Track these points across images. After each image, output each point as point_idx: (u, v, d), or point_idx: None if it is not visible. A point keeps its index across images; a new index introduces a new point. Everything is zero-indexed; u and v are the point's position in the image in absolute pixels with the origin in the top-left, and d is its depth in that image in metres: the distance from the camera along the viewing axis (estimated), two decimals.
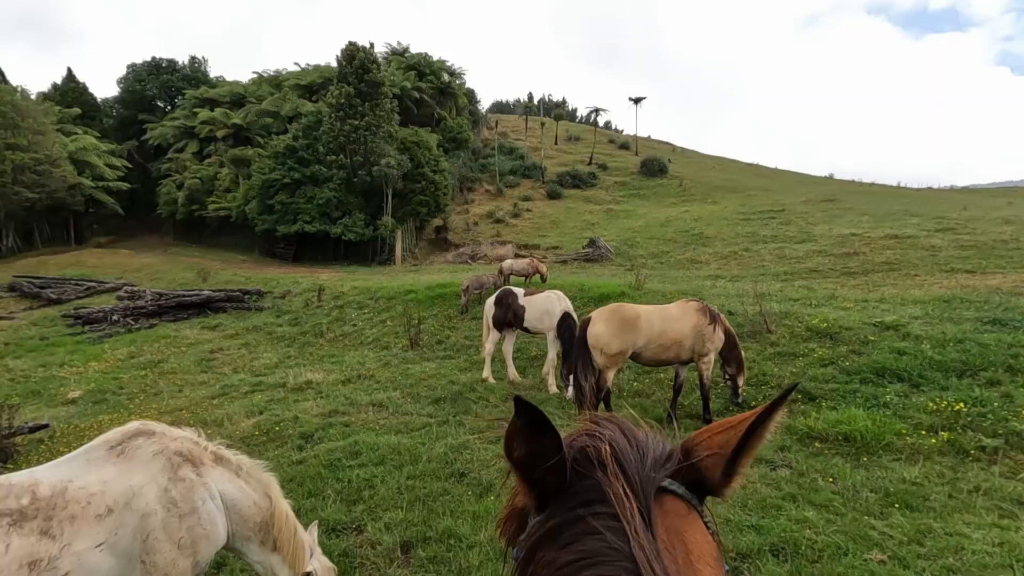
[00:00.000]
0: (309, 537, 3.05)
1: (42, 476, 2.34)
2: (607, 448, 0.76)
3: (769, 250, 25.18)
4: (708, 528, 0.78)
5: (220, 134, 46.30)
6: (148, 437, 2.57)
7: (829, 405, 6.69)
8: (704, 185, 50.19)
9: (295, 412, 7.90)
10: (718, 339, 6.67)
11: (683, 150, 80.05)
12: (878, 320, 8.92)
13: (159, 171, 47.96)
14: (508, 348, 9.51)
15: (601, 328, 6.51)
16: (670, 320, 6.61)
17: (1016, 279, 14.67)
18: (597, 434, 0.80)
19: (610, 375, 6.59)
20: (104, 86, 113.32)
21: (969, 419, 5.85)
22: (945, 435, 5.62)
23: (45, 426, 9.10)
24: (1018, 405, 5.97)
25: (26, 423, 8.84)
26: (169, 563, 2.41)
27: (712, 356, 6.70)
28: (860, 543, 3.87)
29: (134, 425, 2.65)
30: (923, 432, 5.75)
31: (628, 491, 0.71)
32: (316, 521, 3.31)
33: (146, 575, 2.38)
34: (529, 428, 0.75)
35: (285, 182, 35.43)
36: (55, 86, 51.30)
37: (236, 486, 2.73)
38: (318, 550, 3.11)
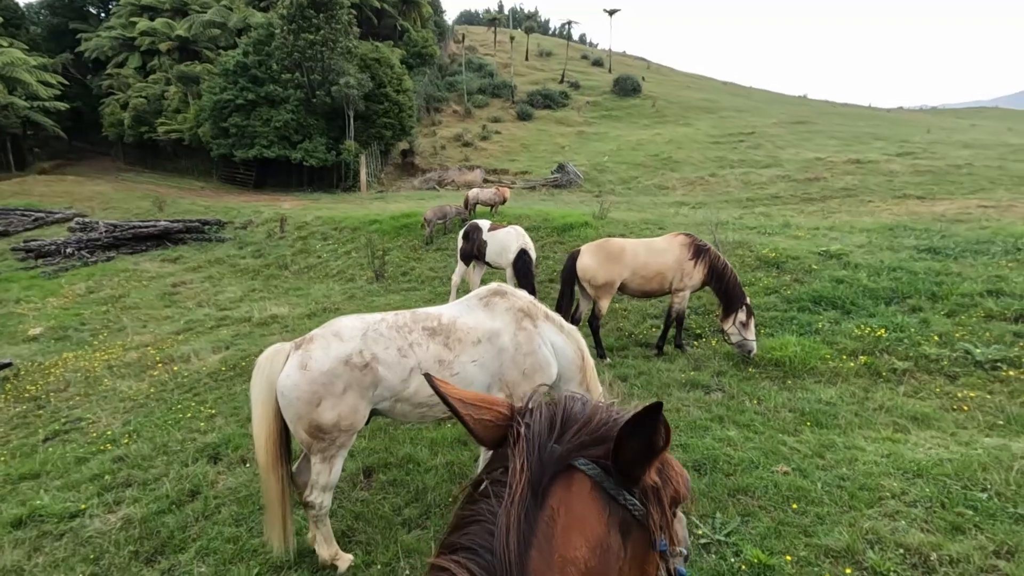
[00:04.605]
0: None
1: (443, 311, 3.53)
2: (521, 428, 0.87)
3: (735, 175, 25.40)
4: (616, 508, 0.83)
5: (163, 47, 42.67)
6: (503, 297, 3.60)
7: (767, 332, 7.16)
8: (678, 105, 49.28)
9: (261, 347, 8.02)
10: (696, 276, 6.72)
11: (658, 67, 77.62)
12: (823, 249, 9.35)
13: (100, 88, 44.42)
14: (476, 280, 9.74)
15: (588, 260, 6.81)
16: (655, 252, 6.82)
17: (962, 205, 15.31)
18: (527, 413, 0.92)
19: (604, 304, 6.90)
20: None
21: (887, 344, 6.39)
22: (864, 359, 6.16)
23: (8, 364, 9.12)
24: (932, 330, 6.52)
25: None
26: (515, 383, 3.44)
27: (686, 293, 6.85)
28: (771, 458, 4.36)
29: (493, 286, 3.71)
30: (844, 357, 6.28)
31: (525, 465, 0.81)
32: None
33: (501, 390, 3.45)
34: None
35: (239, 103, 33.36)
36: None
37: (560, 339, 3.63)
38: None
